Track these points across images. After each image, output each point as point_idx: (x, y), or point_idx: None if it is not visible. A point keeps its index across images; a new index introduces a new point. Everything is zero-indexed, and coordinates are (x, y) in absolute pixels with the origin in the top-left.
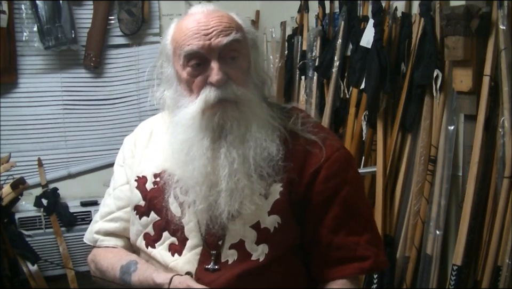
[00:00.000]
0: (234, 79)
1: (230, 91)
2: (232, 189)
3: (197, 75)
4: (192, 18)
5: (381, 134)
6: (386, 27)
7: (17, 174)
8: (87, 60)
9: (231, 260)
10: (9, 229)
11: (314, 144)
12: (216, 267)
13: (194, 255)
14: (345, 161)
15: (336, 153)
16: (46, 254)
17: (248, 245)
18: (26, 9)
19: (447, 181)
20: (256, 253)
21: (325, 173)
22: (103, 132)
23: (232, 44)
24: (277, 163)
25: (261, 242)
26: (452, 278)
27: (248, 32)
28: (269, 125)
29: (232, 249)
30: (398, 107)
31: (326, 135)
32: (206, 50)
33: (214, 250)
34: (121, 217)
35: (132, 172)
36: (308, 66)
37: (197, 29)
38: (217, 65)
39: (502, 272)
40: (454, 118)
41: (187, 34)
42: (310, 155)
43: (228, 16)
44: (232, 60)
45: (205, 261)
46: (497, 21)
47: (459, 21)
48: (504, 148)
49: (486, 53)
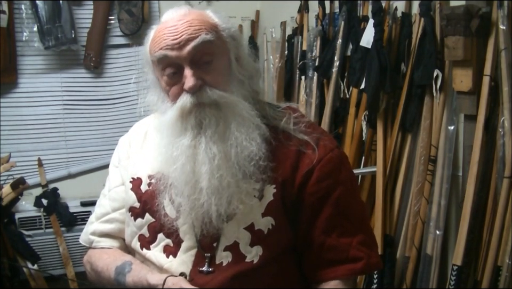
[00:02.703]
0: (210, 83)
1: (206, 96)
2: (215, 186)
3: (173, 83)
4: (164, 26)
5: (381, 134)
6: (386, 27)
7: (17, 174)
8: (87, 60)
9: (225, 262)
10: (9, 229)
11: (307, 145)
12: (210, 269)
13: (189, 257)
14: (338, 162)
15: (330, 154)
16: (46, 254)
17: (242, 246)
18: (26, 9)
19: (447, 181)
20: (250, 254)
21: (317, 174)
22: (103, 132)
23: (203, 47)
24: (258, 162)
25: (255, 244)
26: (451, 278)
27: (225, 29)
28: (250, 123)
29: (226, 251)
30: (398, 107)
31: (319, 135)
32: (177, 59)
33: (209, 253)
34: (116, 219)
35: (127, 173)
36: (308, 66)
37: (167, 36)
38: (190, 72)
39: (502, 272)
40: (454, 118)
41: (160, 43)
42: (303, 156)
43: (198, 19)
44: (206, 64)
45: (199, 263)
46: (497, 21)
47: (459, 21)
48: (504, 148)
49: (486, 53)
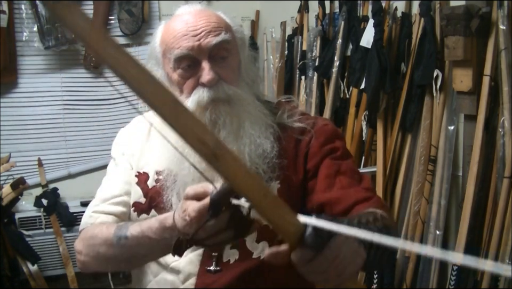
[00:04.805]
0: (225, 78)
1: (222, 91)
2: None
3: (188, 77)
4: (180, 19)
5: (381, 134)
6: (386, 27)
7: (17, 174)
8: (87, 60)
9: (233, 259)
10: (9, 229)
11: (303, 131)
12: (217, 268)
13: (196, 256)
14: (331, 133)
15: (323, 128)
16: (46, 254)
17: (249, 243)
18: (26, 9)
19: (447, 181)
20: (256, 250)
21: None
22: (103, 132)
23: (222, 44)
24: (272, 160)
25: (261, 240)
26: (451, 278)
27: (237, 32)
28: (262, 122)
29: (233, 249)
30: (398, 107)
31: (314, 120)
32: (196, 52)
33: (216, 252)
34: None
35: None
36: (308, 66)
37: (186, 30)
38: (208, 65)
39: None
40: (454, 118)
41: (176, 36)
42: (300, 144)
43: (216, 16)
44: (222, 59)
45: (206, 262)
46: (497, 21)
47: (459, 21)
48: (504, 148)
49: (486, 53)
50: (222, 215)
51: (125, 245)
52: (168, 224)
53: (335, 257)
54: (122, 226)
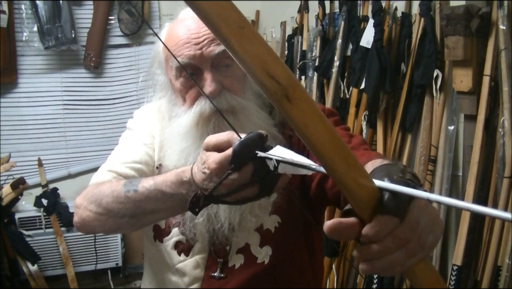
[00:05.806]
0: (228, 88)
1: (225, 102)
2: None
3: (190, 86)
4: (183, 25)
5: (381, 134)
6: (386, 27)
7: (17, 174)
8: (87, 60)
9: (238, 265)
10: (9, 229)
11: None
12: (221, 275)
13: (202, 259)
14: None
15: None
16: (46, 254)
17: (253, 248)
18: (26, 9)
19: (447, 181)
20: (260, 255)
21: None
22: (103, 132)
23: (225, 52)
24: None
25: (264, 244)
26: (452, 278)
27: None
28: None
29: (239, 254)
30: (398, 107)
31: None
32: (197, 61)
33: (221, 258)
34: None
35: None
36: (308, 66)
37: (188, 37)
38: (210, 75)
39: (502, 272)
40: (454, 118)
41: (178, 43)
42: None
43: None
44: (226, 67)
45: (211, 267)
46: (497, 21)
47: (459, 21)
48: (504, 148)
49: (486, 53)
50: (246, 168)
51: (133, 197)
52: (185, 177)
53: (417, 224)
54: (135, 179)
